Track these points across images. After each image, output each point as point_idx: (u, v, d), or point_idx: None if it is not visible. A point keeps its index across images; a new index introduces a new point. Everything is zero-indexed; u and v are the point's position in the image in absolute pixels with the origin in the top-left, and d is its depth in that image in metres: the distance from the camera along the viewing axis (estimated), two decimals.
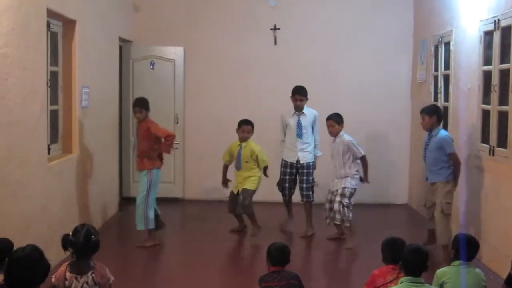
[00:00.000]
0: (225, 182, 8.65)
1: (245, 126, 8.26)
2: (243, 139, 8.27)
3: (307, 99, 8.41)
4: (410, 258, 4.24)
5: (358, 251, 7.83)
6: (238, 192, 8.25)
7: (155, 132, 7.61)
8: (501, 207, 6.64)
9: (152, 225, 7.69)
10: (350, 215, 7.81)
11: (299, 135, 8.40)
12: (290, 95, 8.46)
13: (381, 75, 10.49)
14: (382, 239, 4.91)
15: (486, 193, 7.07)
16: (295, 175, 8.51)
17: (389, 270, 4.62)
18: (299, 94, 8.36)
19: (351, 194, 7.89)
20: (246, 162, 8.21)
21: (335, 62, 10.54)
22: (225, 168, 8.61)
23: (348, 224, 7.84)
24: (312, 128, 8.47)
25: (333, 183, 7.97)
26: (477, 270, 4.73)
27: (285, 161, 8.52)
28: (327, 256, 7.81)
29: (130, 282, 6.30)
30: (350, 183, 7.85)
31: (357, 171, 7.95)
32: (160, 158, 7.80)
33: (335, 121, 7.97)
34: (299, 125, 8.41)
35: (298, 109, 8.41)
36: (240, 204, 8.14)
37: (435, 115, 7.26)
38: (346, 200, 7.79)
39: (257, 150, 8.25)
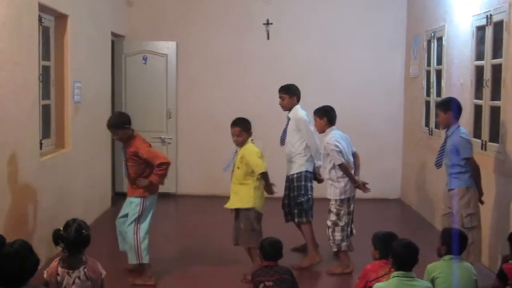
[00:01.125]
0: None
1: (232, 129, 6.50)
2: (236, 144, 6.52)
3: (291, 97, 7.18)
4: (401, 253, 4.25)
5: (354, 246, 7.85)
6: (234, 208, 6.52)
7: (145, 157, 6.16)
8: (494, 202, 6.66)
9: (146, 260, 6.23)
10: (337, 236, 6.54)
11: (281, 141, 7.37)
12: None
13: (375, 70, 10.51)
14: (373, 233, 4.93)
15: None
16: (288, 189, 7.12)
17: (381, 264, 4.64)
18: (279, 91, 7.30)
19: (337, 209, 6.53)
20: (238, 168, 6.39)
21: (328, 57, 10.54)
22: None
23: (335, 249, 6.64)
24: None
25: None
26: (468, 264, 4.75)
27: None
28: (320, 252, 7.82)
29: (122, 277, 6.29)
30: (334, 193, 6.54)
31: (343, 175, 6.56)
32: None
33: (317, 115, 6.84)
34: (284, 129, 7.35)
35: (284, 110, 7.33)
36: (242, 234, 6.43)
37: (450, 111, 6.24)
38: (332, 219, 6.56)
39: (247, 152, 6.37)
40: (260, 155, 6.38)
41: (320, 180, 7.13)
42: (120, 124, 6.22)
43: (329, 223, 6.52)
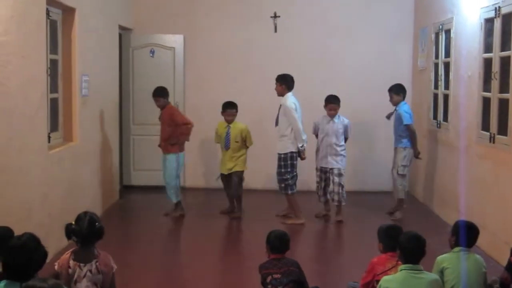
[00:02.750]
0: None
1: (230, 110, 8.60)
2: (229, 122, 8.58)
3: (281, 85, 8.37)
4: (408, 246, 4.24)
5: (349, 238, 7.87)
6: (228, 173, 8.54)
7: (177, 118, 8.39)
8: (500, 195, 6.65)
9: (180, 197, 8.69)
10: (345, 194, 8.42)
11: (275, 123, 8.50)
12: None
13: (382, 62, 10.48)
14: (378, 226, 4.93)
15: (486, 181, 7.07)
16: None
17: (388, 257, 4.64)
18: (275, 79, 8.47)
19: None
20: (236, 142, 8.50)
21: (335, 49, 10.51)
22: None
23: (344, 203, 8.41)
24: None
25: (324, 160, 8.40)
26: (477, 256, 4.74)
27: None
28: (321, 244, 7.84)
29: (131, 270, 6.32)
30: (344, 162, 8.47)
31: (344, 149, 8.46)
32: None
33: (337, 105, 8.39)
34: (277, 113, 8.45)
35: (278, 95, 8.48)
36: (235, 187, 8.52)
37: (401, 94, 8.74)
38: (343, 180, 8.38)
39: (246, 130, 8.59)
40: None
41: (302, 158, 8.37)
42: (161, 93, 8.50)
43: (343, 184, 8.39)
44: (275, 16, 10.49)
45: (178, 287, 6.14)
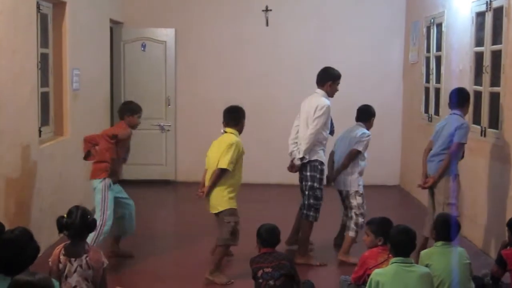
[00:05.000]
0: None
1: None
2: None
3: (322, 85, 6.72)
4: (399, 239, 4.26)
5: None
6: None
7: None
8: (491, 188, 6.68)
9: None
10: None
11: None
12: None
13: (373, 56, 10.48)
14: (368, 220, 4.95)
15: (477, 174, 7.10)
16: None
17: (379, 251, 4.65)
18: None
19: None
20: None
21: (327, 43, 10.51)
22: None
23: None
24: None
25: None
26: (460, 248, 4.73)
27: None
28: (319, 238, 7.84)
29: (123, 265, 6.31)
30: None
31: None
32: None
33: None
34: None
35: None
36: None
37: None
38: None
39: None
40: None
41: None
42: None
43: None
44: (266, 10, 10.47)
45: (169, 282, 6.13)
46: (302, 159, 6.41)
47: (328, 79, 6.63)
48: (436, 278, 4.44)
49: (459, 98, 6.27)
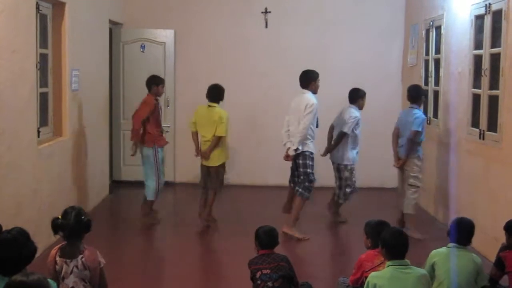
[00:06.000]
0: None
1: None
2: None
3: (307, 86, 7.74)
4: (391, 241, 4.24)
5: (349, 235, 7.87)
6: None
7: None
8: (490, 191, 6.68)
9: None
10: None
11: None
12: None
13: (373, 58, 10.50)
14: (366, 222, 4.94)
15: (475, 177, 7.10)
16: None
17: (376, 253, 4.64)
18: None
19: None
20: None
21: (326, 45, 10.52)
22: None
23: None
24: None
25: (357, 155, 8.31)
26: (473, 255, 4.70)
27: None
28: (318, 241, 7.85)
29: (122, 265, 6.32)
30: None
31: None
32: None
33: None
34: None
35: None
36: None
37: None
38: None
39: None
40: None
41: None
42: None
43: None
44: (266, 12, 10.48)
45: (167, 283, 6.13)
46: (296, 150, 7.49)
47: (311, 80, 7.73)
48: (438, 278, 4.43)
49: (416, 93, 7.72)
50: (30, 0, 6.38)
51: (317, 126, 7.70)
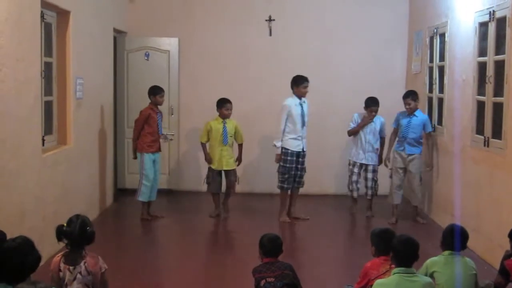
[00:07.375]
0: (210, 159, 8.86)
1: (229, 104, 8.74)
2: (226, 116, 8.74)
3: (292, 90, 8.66)
4: (401, 249, 4.24)
5: (353, 241, 7.84)
6: (227, 169, 8.77)
7: None
8: (495, 198, 6.66)
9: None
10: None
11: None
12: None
13: (376, 66, 10.49)
14: (371, 230, 4.93)
15: (480, 184, 7.08)
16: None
17: (381, 261, 4.63)
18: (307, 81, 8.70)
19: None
20: (231, 136, 8.73)
21: (330, 53, 10.53)
22: (205, 146, 8.92)
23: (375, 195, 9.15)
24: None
25: (359, 155, 8.95)
26: (467, 259, 4.74)
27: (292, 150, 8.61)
28: (319, 247, 7.83)
29: (125, 272, 6.30)
30: (377, 159, 9.06)
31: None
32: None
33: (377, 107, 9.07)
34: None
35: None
36: (232, 185, 8.77)
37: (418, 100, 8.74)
38: (377, 176, 9.03)
39: (238, 124, 8.88)
40: None
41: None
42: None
43: (376, 179, 9.10)
44: (270, 20, 10.50)
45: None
46: (274, 146, 8.54)
47: (293, 84, 8.62)
48: (440, 287, 4.42)
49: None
50: (34, 9, 6.40)
51: (303, 126, 8.48)
